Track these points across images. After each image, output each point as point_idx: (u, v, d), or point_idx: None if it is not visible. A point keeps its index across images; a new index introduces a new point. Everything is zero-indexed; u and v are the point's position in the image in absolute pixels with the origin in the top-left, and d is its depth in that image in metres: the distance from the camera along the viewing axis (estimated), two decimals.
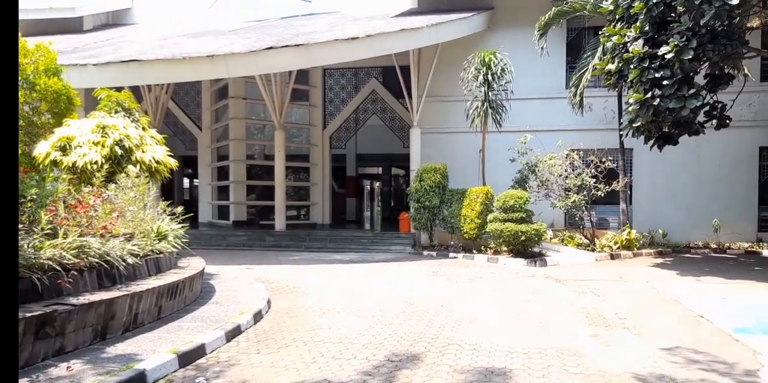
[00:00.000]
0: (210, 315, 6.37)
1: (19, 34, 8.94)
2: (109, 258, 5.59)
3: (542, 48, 14.77)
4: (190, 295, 7.02)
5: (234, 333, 5.78)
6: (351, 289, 9.16)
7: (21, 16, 18.90)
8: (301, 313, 7.15)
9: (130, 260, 5.88)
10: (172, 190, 25.60)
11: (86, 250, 5.35)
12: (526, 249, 12.92)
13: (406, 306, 7.67)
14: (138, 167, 8.59)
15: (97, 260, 5.45)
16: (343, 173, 23.93)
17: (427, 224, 14.97)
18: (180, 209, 8.36)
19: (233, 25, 18.92)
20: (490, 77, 13.76)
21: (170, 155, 9.67)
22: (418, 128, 16.02)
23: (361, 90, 19.94)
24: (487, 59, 13.82)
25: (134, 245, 6.37)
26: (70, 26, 20.20)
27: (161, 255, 7.02)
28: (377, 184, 33.19)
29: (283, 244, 15.95)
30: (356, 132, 20.48)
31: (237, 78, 18.67)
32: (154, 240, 7.07)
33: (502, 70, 13.89)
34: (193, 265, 7.94)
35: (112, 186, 7.27)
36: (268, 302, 7.56)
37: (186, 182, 31.58)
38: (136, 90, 17.87)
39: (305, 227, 18.51)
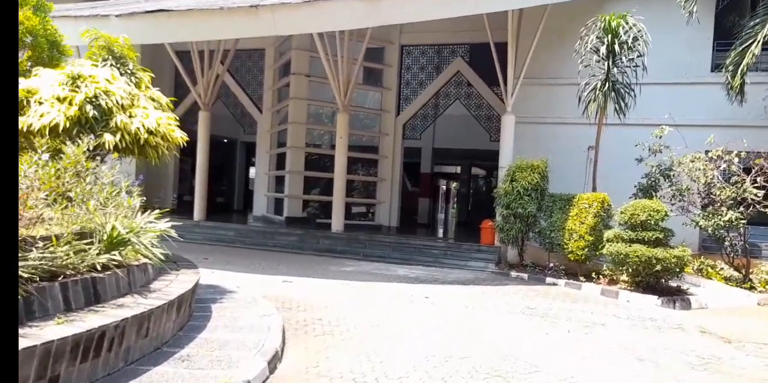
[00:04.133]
0: None
1: None
2: None
3: (690, 13, 11.03)
4: (141, 344, 4.26)
5: None
6: (410, 333, 6.16)
7: None
8: None
9: None
10: (233, 178, 23.63)
11: None
12: (659, 282, 9.38)
13: None
14: (119, 135, 6.00)
15: None
16: (416, 170, 20.90)
17: (518, 237, 11.64)
18: (136, 200, 5.67)
19: None
20: (617, 47, 10.26)
21: (179, 126, 7.06)
22: (512, 115, 12.72)
23: (443, 71, 16.84)
24: (614, 24, 10.33)
25: (33, 260, 3.69)
26: None
27: (105, 275, 4.32)
28: (454, 184, 29.96)
29: (338, 249, 13.18)
30: (435, 121, 17.39)
31: (301, 51, 16.23)
32: (96, 249, 4.39)
33: (634, 38, 10.35)
34: (171, 287, 5.22)
35: (45, 158, 4.64)
36: (274, 358, 4.70)
37: (252, 171, 29.68)
38: (187, 60, 15.78)
39: (368, 229, 15.68)
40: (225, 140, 23.00)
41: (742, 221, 10.00)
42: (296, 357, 5.03)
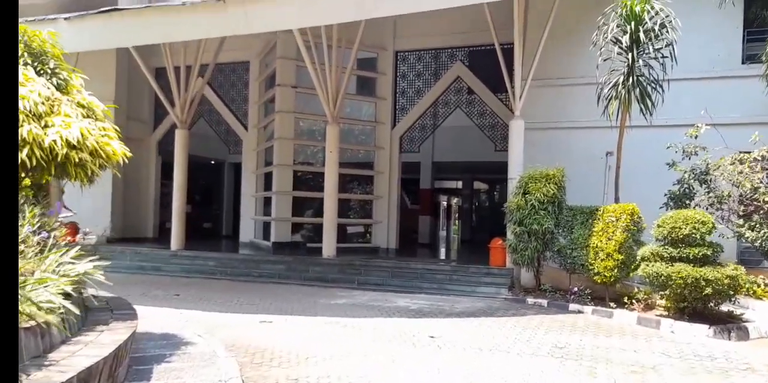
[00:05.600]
0: None
1: None
2: None
3: None
4: None
5: None
6: None
7: None
8: None
9: None
10: (221, 202, 22.25)
11: None
12: (707, 307, 7.91)
13: None
14: (26, 150, 4.62)
15: None
16: (415, 186, 19.53)
17: (534, 257, 10.19)
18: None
19: None
20: (641, 36, 8.94)
21: (121, 139, 5.68)
22: (521, 119, 11.39)
23: (441, 77, 15.56)
24: (637, 9, 9.03)
25: None
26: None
27: None
28: (455, 200, 28.54)
29: (329, 277, 11.74)
30: (434, 132, 16.07)
31: (286, 60, 14.99)
32: None
33: (661, 25, 9.03)
34: (79, 355, 3.78)
35: None
36: None
37: None
38: (163, 77, 14.58)
39: (363, 253, 14.25)
40: (212, 162, 21.73)
41: None
42: None
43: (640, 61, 9.26)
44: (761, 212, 9.12)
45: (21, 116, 4.70)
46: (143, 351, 5.42)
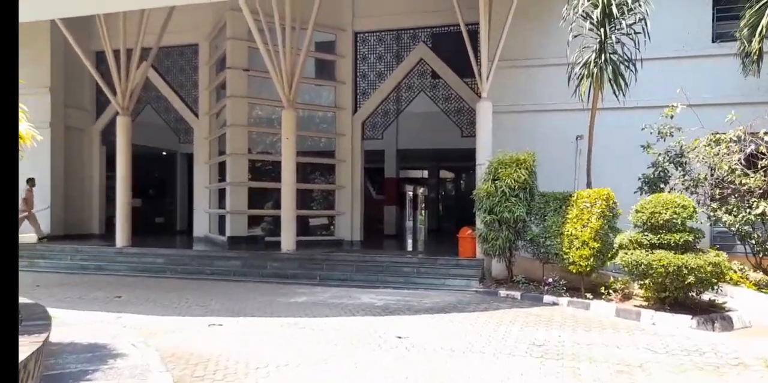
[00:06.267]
0: None
1: None
2: None
3: None
4: None
5: None
6: None
7: None
8: None
9: None
10: (174, 195, 21.08)
11: None
12: (688, 297, 7.48)
13: None
14: None
15: None
16: (380, 175, 18.85)
17: (505, 247, 9.63)
18: None
19: None
20: (614, 9, 8.41)
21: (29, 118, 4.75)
22: (488, 101, 10.78)
23: (404, 60, 14.83)
24: None
25: None
26: None
27: None
28: (421, 189, 28.02)
29: (289, 273, 10.95)
30: (397, 117, 15.35)
31: (237, 41, 14.08)
32: None
33: None
34: None
35: None
36: None
37: None
38: (104, 61, 13.45)
39: (326, 246, 13.51)
40: (163, 152, 20.54)
41: None
42: None
43: (613, 37, 8.74)
44: (737, 195, 8.79)
45: None
46: (62, 367, 4.61)
